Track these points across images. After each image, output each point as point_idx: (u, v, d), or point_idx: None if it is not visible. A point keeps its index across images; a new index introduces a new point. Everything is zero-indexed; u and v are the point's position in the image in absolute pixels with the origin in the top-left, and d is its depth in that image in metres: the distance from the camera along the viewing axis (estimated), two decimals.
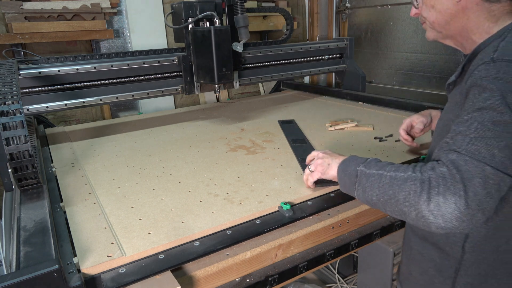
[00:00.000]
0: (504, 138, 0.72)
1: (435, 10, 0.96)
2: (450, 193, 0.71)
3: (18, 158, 1.09)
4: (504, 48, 0.80)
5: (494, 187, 0.70)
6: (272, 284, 1.00)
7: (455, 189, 0.70)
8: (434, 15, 0.97)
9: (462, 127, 0.77)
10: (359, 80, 2.38)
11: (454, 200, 0.70)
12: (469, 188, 0.70)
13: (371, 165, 0.90)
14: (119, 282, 0.80)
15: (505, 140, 0.72)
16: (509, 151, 0.71)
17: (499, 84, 0.75)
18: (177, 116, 2.19)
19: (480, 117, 0.75)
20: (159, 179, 1.29)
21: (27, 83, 1.54)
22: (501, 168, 0.70)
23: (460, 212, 0.70)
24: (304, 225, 1.06)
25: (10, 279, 0.66)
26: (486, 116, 0.74)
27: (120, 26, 2.45)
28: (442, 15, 0.95)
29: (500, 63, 0.77)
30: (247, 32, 1.80)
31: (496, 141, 0.72)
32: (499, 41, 0.83)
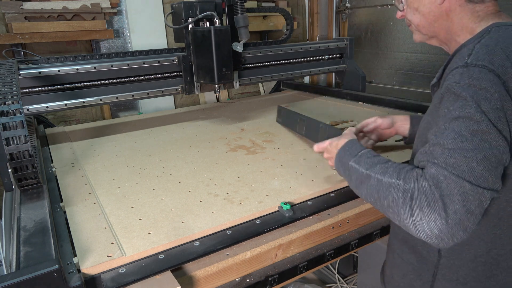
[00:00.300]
0: (482, 149, 0.71)
1: (419, 13, 0.97)
2: (430, 210, 0.70)
3: (18, 158, 1.09)
4: (478, 52, 0.78)
5: (475, 203, 0.69)
6: (272, 284, 1.00)
7: (435, 206, 0.70)
8: (418, 18, 0.97)
9: (441, 137, 0.76)
10: (359, 80, 2.38)
11: (433, 217, 0.70)
12: (448, 206, 0.69)
13: (361, 161, 0.89)
14: (119, 282, 0.80)
15: (483, 151, 0.71)
16: (488, 163, 0.70)
17: (472, 92, 0.74)
18: (177, 116, 2.19)
19: (457, 126, 0.74)
20: (159, 179, 1.29)
21: (27, 83, 1.54)
22: (480, 183, 0.70)
23: (439, 231, 0.70)
24: (304, 225, 1.06)
25: (10, 279, 0.66)
26: (463, 125, 0.73)
27: (120, 26, 2.45)
28: (426, 17, 0.96)
29: (473, 69, 0.76)
30: (247, 32, 1.80)
31: (474, 153, 0.71)
32: (475, 43, 0.82)
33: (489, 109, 0.72)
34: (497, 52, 0.77)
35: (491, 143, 0.71)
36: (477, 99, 0.73)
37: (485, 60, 0.76)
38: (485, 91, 0.73)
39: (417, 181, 0.74)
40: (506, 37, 0.80)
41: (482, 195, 0.70)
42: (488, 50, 0.78)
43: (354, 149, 0.95)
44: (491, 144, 0.71)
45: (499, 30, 0.83)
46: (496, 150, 0.71)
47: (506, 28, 0.83)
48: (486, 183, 0.70)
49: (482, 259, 0.87)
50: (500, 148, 0.72)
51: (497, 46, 0.78)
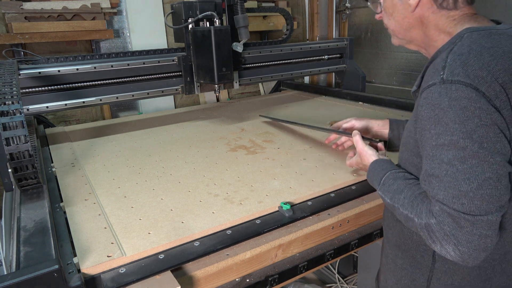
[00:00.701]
0: (474, 177, 0.71)
1: (394, 19, 0.97)
2: (447, 243, 0.74)
3: (18, 158, 1.09)
4: (452, 65, 0.76)
5: (484, 228, 0.72)
6: (272, 284, 1.00)
7: (449, 240, 0.74)
8: (394, 24, 0.98)
9: (433, 168, 0.77)
10: (359, 80, 2.38)
11: (452, 248, 0.74)
12: (461, 238, 0.73)
13: (385, 190, 0.92)
14: (119, 282, 0.80)
15: (476, 179, 0.71)
16: (483, 190, 0.71)
17: (453, 114, 0.73)
18: (177, 116, 2.19)
19: (445, 156, 0.74)
20: (159, 179, 1.29)
21: (27, 83, 1.54)
22: (481, 211, 0.71)
23: (461, 258, 0.74)
24: (304, 225, 1.06)
25: (10, 279, 0.66)
26: (450, 154, 0.73)
27: (120, 26, 2.45)
28: (400, 24, 0.96)
29: (451, 86, 0.74)
30: (247, 32, 1.80)
31: (468, 184, 0.72)
32: (448, 51, 0.80)
33: (473, 128, 0.71)
34: (470, 62, 0.75)
35: (483, 166, 0.71)
36: (459, 121, 0.72)
37: (460, 74, 0.74)
38: (466, 110, 0.72)
39: (427, 218, 0.78)
40: (479, 43, 0.78)
41: (487, 220, 0.72)
42: (461, 61, 0.76)
43: (377, 176, 0.97)
44: (483, 167, 0.71)
45: (472, 35, 0.81)
46: (490, 170, 0.71)
47: (478, 33, 0.81)
48: (488, 209, 0.71)
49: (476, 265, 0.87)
50: (494, 166, 0.71)
51: (470, 55, 0.76)
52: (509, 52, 0.77)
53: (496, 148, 0.72)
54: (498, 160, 0.71)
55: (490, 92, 0.72)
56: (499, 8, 2.02)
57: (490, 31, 0.81)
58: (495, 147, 0.72)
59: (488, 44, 0.78)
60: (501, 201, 0.72)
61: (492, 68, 0.74)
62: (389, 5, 0.97)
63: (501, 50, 0.77)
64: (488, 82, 0.73)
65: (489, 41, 0.78)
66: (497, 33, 0.81)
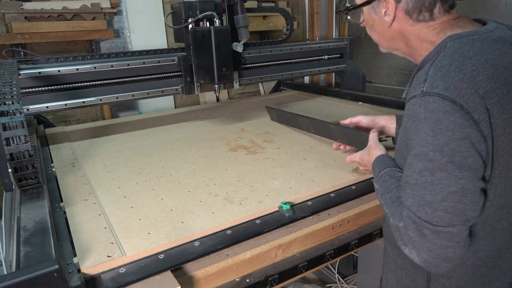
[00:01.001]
0: (440, 189, 0.73)
1: (375, 31, 0.98)
2: (411, 247, 0.79)
3: (18, 158, 1.09)
4: (432, 77, 0.77)
5: (445, 239, 0.75)
6: (272, 284, 1.00)
7: (412, 244, 0.78)
8: (376, 35, 0.99)
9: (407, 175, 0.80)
10: (359, 80, 2.38)
11: (416, 253, 0.78)
12: (421, 245, 0.77)
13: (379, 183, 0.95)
14: (119, 282, 0.80)
15: (441, 192, 0.73)
16: (446, 203, 0.73)
17: (427, 127, 0.74)
18: (177, 116, 2.19)
19: (417, 166, 0.77)
20: (159, 179, 1.29)
21: (27, 83, 1.54)
22: (443, 224, 0.74)
23: (423, 263, 0.78)
24: (304, 225, 1.06)
25: (10, 279, 0.66)
26: (420, 165, 0.76)
27: (120, 26, 2.45)
28: (382, 36, 0.97)
29: (428, 99, 0.75)
30: (247, 32, 1.80)
31: (433, 195, 0.74)
32: (431, 63, 0.80)
33: (445, 142, 0.72)
34: (451, 73, 0.75)
35: (450, 179, 0.73)
36: (432, 134, 0.73)
37: (439, 86, 0.74)
38: (440, 123, 0.72)
39: (398, 221, 0.82)
40: (461, 53, 0.78)
41: (448, 232, 0.74)
42: (442, 73, 0.76)
43: (379, 168, 0.99)
44: (449, 180, 0.73)
45: (454, 44, 0.80)
46: (456, 184, 0.72)
47: (460, 41, 0.80)
48: (450, 221, 0.74)
49: (470, 261, 0.87)
50: (461, 180, 0.72)
51: (451, 66, 0.76)
52: (491, 59, 0.77)
53: (467, 163, 0.72)
54: (466, 175, 0.72)
55: (469, 105, 0.72)
56: (499, 8, 2.02)
57: (473, 37, 0.81)
58: (465, 162, 0.72)
59: (470, 53, 0.77)
60: (465, 216, 0.74)
61: (474, 78, 0.74)
62: (368, 18, 0.97)
63: (484, 58, 0.77)
64: (468, 94, 0.73)
65: (472, 50, 0.78)
66: (480, 39, 0.80)
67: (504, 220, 0.84)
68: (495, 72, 0.76)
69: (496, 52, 0.78)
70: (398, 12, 0.89)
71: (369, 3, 0.93)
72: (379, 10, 0.92)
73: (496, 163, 0.77)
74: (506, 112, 0.76)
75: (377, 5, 0.92)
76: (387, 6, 0.89)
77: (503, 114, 0.75)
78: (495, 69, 0.76)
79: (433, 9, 0.86)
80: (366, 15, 0.97)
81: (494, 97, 0.74)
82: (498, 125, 0.75)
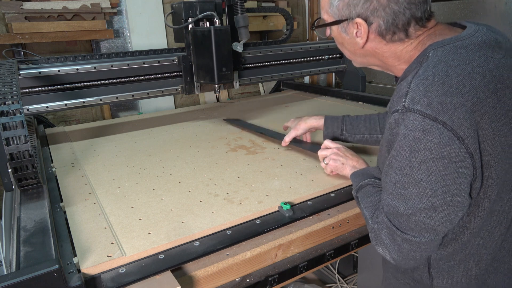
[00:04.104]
0: (412, 204, 0.75)
1: (346, 49, 0.93)
2: (383, 247, 0.84)
3: (18, 158, 1.09)
4: (414, 91, 0.73)
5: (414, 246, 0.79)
6: (272, 284, 1.00)
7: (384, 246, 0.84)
8: (347, 53, 0.95)
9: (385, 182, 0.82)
10: (359, 80, 2.38)
11: (387, 252, 0.84)
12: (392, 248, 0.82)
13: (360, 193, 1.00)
14: (119, 282, 0.80)
15: (412, 206, 0.76)
16: (417, 217, 0.76)
17: (406, 144, 0.73)
18: (177, 116, 2.19)
19: (393, 177, 0.78)
20: (159, 179, 1.29)
21: (27, 83, 1.54)
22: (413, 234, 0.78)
23: (394, 261, 0.84)
24: (304, 225, 1.06)
25: (10, 279, 0.66)
26: (396, 177, 0.77)
27: (120, 26, 2.45)
28: (353, 53, 0.93)
29: (409, 115, 0.72)
30: (247, 32, 1.80)
31: (405, 208, 0.77)
32: (414, 74, 0.77)
33: (422, 160, 0.71)
34: (435, 86, 0.71)
35: (421, 196, 0.74)
36: (409, 151, 0.73)
37: (421, 102, 0.71)
38: (418, 141, 0.71)
39: (375, 222, 0.87)
40: (445, 62, 0.74)
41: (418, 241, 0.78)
42: (425, 86, 0.72)
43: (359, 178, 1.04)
44: (421, 197, 0.74)
45: (437, 53, 0.77)
46: (427, 201, 0.74)
47: (443, 49, 0.77)
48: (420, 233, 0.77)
49: (473, 272, 0.87)
50: (431, 199, 0.73)
51: (435, 78, 0.72)
52: (477, 67, 0.73)
53: (443, 182, 0.72)
54: (438, 194, 0.73)
55: (453, 121, 0.69)
56: (499, 8, 2.02)
57: (456, 44, 0.77)
58: (441, 181, 0.72)
59: (455, 62, 0.73)
60: (435, 230, 0.77)
61: (460, 90, 0.70)
62: (338, 36, 0.92)
63: (470, 66, 0.73)
64: (452, 109, 0.69)
65: (456, 58, 0.74)
66: (463, 46, 0.76)
67: (502, 226, 0.84)
68: (482, 80, 0.72)
69: (482, 59, 0.74)
70: (370, 34, 0.84)
71: (338, 23, 0.87)
72: (350, 30, 0.87)
73: (488, 172, 0.76)
74: (496, 121, 0.73)
75: (347, 25, 0.86)
76: (358, 27, 0.84)
77: (492, 123, 0.73)
78: (483, 78, 0.72)
79: (408, 29, 0.82)
80: (335, 32, 0.92)
81: (482, 108, 0.71)
82: (487, 136, 0.73)
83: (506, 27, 1.99)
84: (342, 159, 1.18)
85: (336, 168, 1.20)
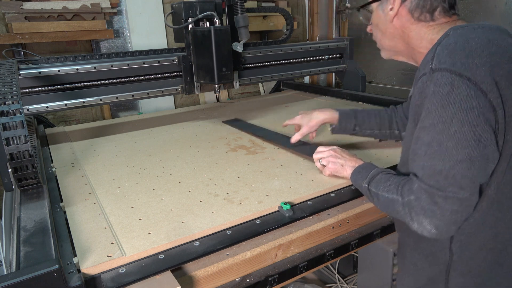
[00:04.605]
0: (449, 158, 0.77)
1: (379, 29, 1.05)
2: (423, 216, 0.82)
3: (18, 158, 1.09)
4: (439, 54, 0.82)
5: (455, 204, 0.79)
6: (272, 284, 1.00)
7: (426, 213, 0.81)
8: (380, 34, 1.06)
9: (416, 148, 0.84)
10: (359, 80, 2.38)
11: (428, 221, 0.81)
12: (435, 212, 0.80)
13: (372, 182, 0.99)
14: (119, 282, 0.80)
15: (449, 160, 0.77)
16: (455, 170, 0.77)
17: (436, 100, 0.79)
18: (177, 116, 2.19)
19: (426, 137, 0.81)
20: (159, 179, 1.29)
21: (27, 83, 1.54)
22: (453, 190, 0.78)
23: (436, 229, 0.81)
24: (304, 225, 1.06)
25: (10, 279, 0.66)
26: (429, 136, 0.80)
27: (120, 26, 2.45)
28: (385, 33, 1.04)
29: (437, 74, 0.79)
30: (247, 32, 1.80)
31: (443, 163, 0.78)
32: (437, 44, 0.85)
33: (453, 113, 0.76)
34: (457, 51, 0.80)
35: (457, 148, 0.77)
36: (440, 106, 0.78)
37: (447, 62, 0.79)
38: (448, 96, 0.77)
39: (409, 195, 0.85)
40: (464, 36, 0.83)
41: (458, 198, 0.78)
42: (449, 50, 0.81)
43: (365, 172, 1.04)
44: (457, 149, 0.77)
45: (457, 31, 0.86)
46: (463, 152, 0.76)
47: (462, 28, 0.86)
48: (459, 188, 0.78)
49: (490, 245, 0.89)
50: (467, 149, 0.76)
51: (456, 45, 0.81)
52: (494, 39, 0.82)
53: (475, 132, 0.76)
54: (472, 144, 0.76)
55: (476, 77, 0.76)
56: (499, 8, 2.02)
57: (473, 26, 0.87)
58: (474, 131, 0.76)
59: (473, 35, 0.83)
60: (473, 182, 0.78)
61: (479, 54, 0.78)
62: (375, 16, 1.05)
63: (486, 38, 0.82)
64: (474, 68, 0.77)
65: (474, 33, 0.84)
66: (479, 27, 0.86)
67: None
68: (498, 49, 0.80)
69: (497, 36, 0.84)
70: (401, 10, 0.96)
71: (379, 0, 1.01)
72: (386, 7, 0.99)
73: (509, 135, 0.80)
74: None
75: (386, 2, 0.99)
76: (393, 3, 0.97)
77: (510, 86, 0.78)
78: (498, 47, 0.81)
79: (434, 11, 0.94)
80: (374, 13, 1.04)
81: (500, 70, 0.78)
82: (507, 96, 0.78)
83: (506, 27, 1.98)
84: (340, 160, 1.19)
85: (335, 170, 1.20)
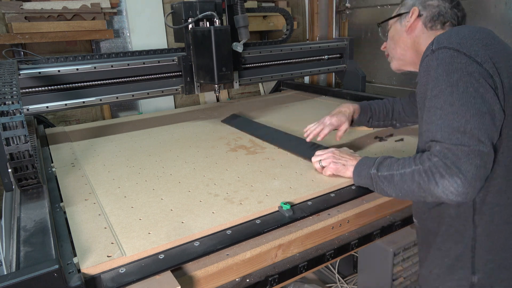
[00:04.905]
0: (462, 115, 0.85)
1: (394, 41, 1.20)
2: (450, 176, 0.84)
3: (18, 158, 1.09)
4: (439, 38, 0.95)
5: (477, 158, 0.83)
6: (272, 284, 1.00)
7: (451, 172, 0.84)
8: (393, 44, 1.21)
9: (429, 116, 0.92)
10: (359, 80, 2.38)
11: (454, 180, 0.84)
12: (460, 168, 0.84)
13: (381, 167, 1.02)
14: (119, 282, 0.80)
15: (463, 116, 0.85)
16: (471, 124, 0.84)
17: (441, 70, 0.90)
18: (177, 116, 2.19)
19: (438, 103, 0.89)
20: (159, 179, 1.29)
21: (27, 83, 1.54)
22: (474, 143, 0.84)
23: (463, 187, 0.84)
24: (304, 225, 1.06)
25: (10, 279, 0.66)
26: (441, 101, 0.89)
27: (120, 26, 2.45)
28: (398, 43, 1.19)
29: (438, 52, 0.92)
30: (247, 32, 1.80)
31: (457, 121, 0.85)
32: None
33: (458, 78, 0.87)
34: (452, 36, 0.93)
35: (467, 106, 0.85)
36: (445, 74, 0.89)
37: (445, 42, 0.92)
38: (450, 65, 0.89)
39: (430, 160, 0.89)
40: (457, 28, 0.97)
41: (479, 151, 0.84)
42: (445, 37, 0.94)
43: (370, 161, 1.09)
44: (467, 106, 0.85)
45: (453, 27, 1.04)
46: (473, 108, 0.85)
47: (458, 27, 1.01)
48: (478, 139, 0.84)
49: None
50: (476, 106, 0.85)
51: (452, 32, 0.95)
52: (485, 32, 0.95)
53: (479, 92, 0.86)
54: (479, 101, 0.85)
55: (471, 52, 0.89)
56: (499, 8, 2.02)
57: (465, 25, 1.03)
58: (478, 91, 0.86)
59: (464, 28, 0.96)
60: (488, 133, 0.85)
61: (472, 37, 0.92)
62: (392, 29, 1.21)
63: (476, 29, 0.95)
64: (468, 46, 0.90)
65: (465, 27, 0.97)
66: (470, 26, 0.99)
67: None
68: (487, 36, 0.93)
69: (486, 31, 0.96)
70: (416, 22, 1.12)
71: (399, 16, 1.17)
72: (404, 21, 1.15)
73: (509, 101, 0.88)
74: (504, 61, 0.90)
75: (405, 16, 1.15)
76: (410, 18, 1.13)
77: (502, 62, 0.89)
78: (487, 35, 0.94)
79: (444, 24, 1.10)
80: (392, 27, 1.20)
81: (491, 48, 0.90)
82: (501, 69, 0.88)
83: (506, 27, 1.99)
84: (342, 161, 1.20)
85: (337, 170, 1.21)
